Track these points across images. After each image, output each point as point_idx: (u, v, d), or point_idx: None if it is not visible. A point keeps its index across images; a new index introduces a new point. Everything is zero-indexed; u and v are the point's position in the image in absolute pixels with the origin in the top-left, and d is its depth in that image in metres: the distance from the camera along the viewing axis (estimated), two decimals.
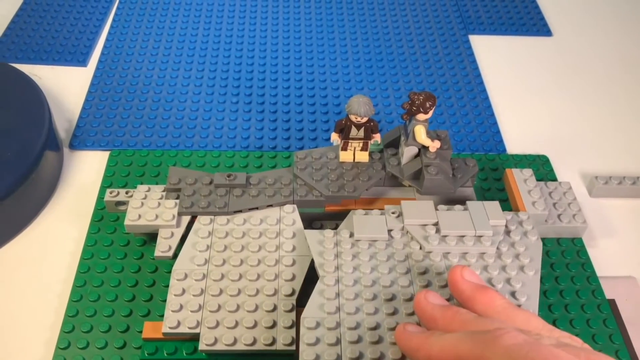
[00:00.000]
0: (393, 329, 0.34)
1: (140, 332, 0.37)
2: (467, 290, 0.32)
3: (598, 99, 0.58)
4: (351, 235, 0.39)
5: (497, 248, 0.39)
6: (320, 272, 0.37)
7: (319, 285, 0.36)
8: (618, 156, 0.52)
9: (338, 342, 0.33)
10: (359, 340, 0.33)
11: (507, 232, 0.40)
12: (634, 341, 0.39)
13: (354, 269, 0.37)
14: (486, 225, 0.39)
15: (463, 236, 0.39)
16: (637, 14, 0.69)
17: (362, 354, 0.33)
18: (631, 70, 0.62)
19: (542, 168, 0.50)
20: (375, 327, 0.34)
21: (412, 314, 0.35)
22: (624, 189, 0.48)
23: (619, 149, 0.53)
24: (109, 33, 0.62)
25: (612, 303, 0.41)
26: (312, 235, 0.39)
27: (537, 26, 0.66)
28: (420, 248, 0.39)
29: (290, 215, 0.41)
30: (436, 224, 0.39)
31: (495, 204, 0.40)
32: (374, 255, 0.38)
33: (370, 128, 0.41)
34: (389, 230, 0.39)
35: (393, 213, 0.40)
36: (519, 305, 0.35)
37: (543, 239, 0.44)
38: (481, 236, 0.39)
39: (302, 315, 0.35)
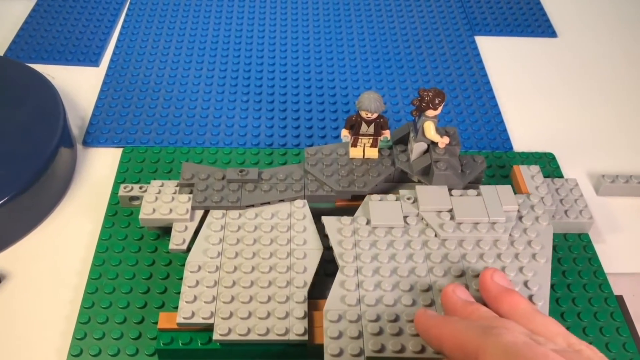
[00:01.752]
0: (412, 320, 0.35)
1: (155, 323, 0.37)
2: (494, 291, 0.34)
3: (604, 99, 0.59)
4: (368, 222, 0.40)
5: (510, 235, 0.39)
6: (340, 262, 0.38)
7: (339, 276, 0.37)
8: (624, 155, 0.53)
9: (360, 335, 0.34)
10: (380, 332, 0.34)
11: (519, 217, 0.40)
12: None
13: (372, 258, 0.38)
14: (499, 211, 0.40)
15: (477, 223, 0.39)
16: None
17: (384, 347, 0.33)
18: (636, 70, 0.62)
19: (548, 166, 0.50)
20: (395, 319, 0.35)
21: (430, 305, 0.36)
22: (630, 188, 0.49)
23: (625, 148, 0.54)
24: (121, 33, 0.63)
25: (619, 299, 0.41)
26: (331, 222, 0.40)
27: (542, 27, 0.66)
28: (436, 235, 0.39)
29: (301, 209, 0.42)
30: (450, 211, 0.40)
31: (508, 188, 0.41)
32: (391, 244, 0.39)
33: (380, 124, 0.42)
34: (405, 217, 0.40)
35: (408, 199, 0.41)
36: (531, 296, 0.36)
37: None
38: (495, 223, 0.39)
39: (325, 308, 0.35)
